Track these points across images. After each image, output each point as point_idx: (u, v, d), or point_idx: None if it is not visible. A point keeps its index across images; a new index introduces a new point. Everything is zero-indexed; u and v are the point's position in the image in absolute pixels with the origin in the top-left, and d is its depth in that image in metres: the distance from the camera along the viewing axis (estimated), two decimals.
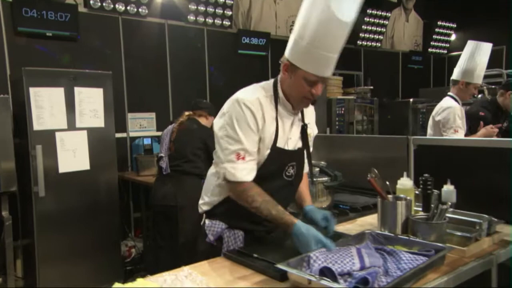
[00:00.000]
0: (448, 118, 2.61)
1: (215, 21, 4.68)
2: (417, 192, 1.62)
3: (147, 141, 3.95)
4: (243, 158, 1.40)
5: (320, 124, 4.52)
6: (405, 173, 1.59)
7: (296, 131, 1.54)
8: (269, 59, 5.18)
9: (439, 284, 1.15)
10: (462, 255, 1.32)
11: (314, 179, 1.87)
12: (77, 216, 3.00)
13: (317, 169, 1.94)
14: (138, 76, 4.23)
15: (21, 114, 2.87)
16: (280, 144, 1.47)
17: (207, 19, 4.61)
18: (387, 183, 1.42)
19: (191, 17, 4.51)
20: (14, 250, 3.25)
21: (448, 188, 1.72)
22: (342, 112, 4.80)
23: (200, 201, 1.63)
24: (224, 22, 4.75)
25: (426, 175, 1.52)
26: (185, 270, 1.30)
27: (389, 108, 5.56)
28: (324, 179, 1.87)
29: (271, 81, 1.54)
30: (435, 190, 1.68)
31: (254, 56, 5.02)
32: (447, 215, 1.52)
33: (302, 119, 1.58)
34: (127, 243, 3.82)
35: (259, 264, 1.27)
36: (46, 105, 2.78)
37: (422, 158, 2.02)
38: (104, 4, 3.90)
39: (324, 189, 1.87)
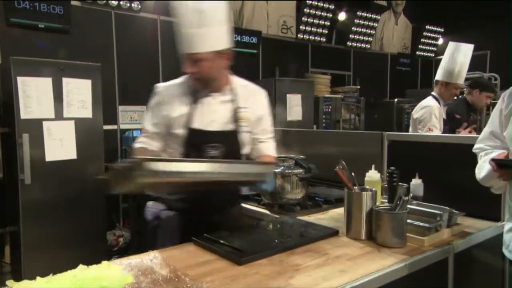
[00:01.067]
0: (425, 116, 2.70)
1: None
2: (386, 185, 1.70)
3: (136, 133, 4.00)
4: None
5: (307, 121, 4.61)
6: (373, 166, 1.67)
7: (224, 113, 1.60)
8: (259, 57, 5.25)
9: (396, 269, 1.23)
10: (421, 244, 1.41)
11: (288, 171, 1.94)
12: (63, 205, 3.05)
13: (292, 161, 2.02)
14: (130, 70, 4.27)
15: (8, 102, 2.92)
16: (196, 125, 1.56)
17: None
18: (353, 174, 1.50)
19: None
20: (1, 236, 3.30)
21: (416, 182, 1.82)
22: (329, 110, 4.90)
23: None
24: None
25: (392, 168, 1.60)
26: (152, 254, 1.37)
27: (376, 107, 5.68)
28: (298, 171, 1.95)
29: None
30: (404, 184, 1.77)
31: (245, 53, 5.08)
32: (411, 206, 1.61)
33: (237, 101, 1.62)
34: (115, 232, 3.88)
35: (224, 249, 1.35)
36: (33, 95, 2.83)
37: (394, 153, 2.11)
38: None
39: (299, 181, 1.94)
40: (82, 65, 3.16)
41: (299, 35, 5.61)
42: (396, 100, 5.62)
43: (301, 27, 5.59)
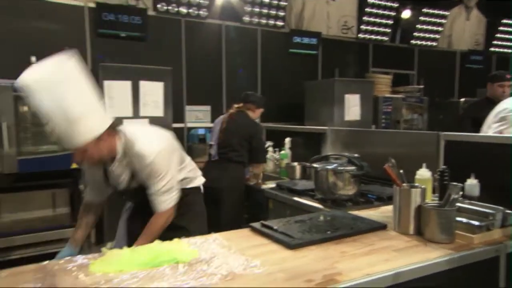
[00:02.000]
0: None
1: (269, 21, 4.93)
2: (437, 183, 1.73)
3: (201, 131, 4.32)
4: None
5: (365, 121, 4.61)
6: (424, 164, 1.71)
7: (125, 175, 1.75)
8: (319, 58, 5.33)
9: (440, 262, 1.28)
10: (470, 242, 1.43)
11: (341, 168, 2.04)
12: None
13: (345, 159, 2.10)
14: (196, 72, 4.61)
15: None
16: (112, 183, 1.80)
17: (261, 20, 4.88)
18: (401, 171, 1.56)
19: (246, 18, 4.80)
20: None
21: (471, 182, 1.82)
22: (389, 110, 4.81)
23: None
24: (277, 23, 4.98)
25: (443, 167, 1.63)
26: (214, 236, 1.57)
27: (441, 108, 5.43)
28: (350, 168, 2.03)
29: None
30: (459, 184, 1.78)
31: (305, 55, 5.19)
32: (464, 205, 1.63)
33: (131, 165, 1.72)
34: None
35: (277, 235, 1.50)
36: (116, 96, 3.24)
37: (451, 153, 2.10)
38: (169, 7, 4.33)
39: (351, 178, 2.03)
40: (155, 69, 3.53)
41: (360, 35, 5.57)
42: (462, 100, 5.33)
43: (362, 26, 5.55)
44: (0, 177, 3.00)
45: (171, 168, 1.74)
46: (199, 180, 2.13)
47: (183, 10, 4.40)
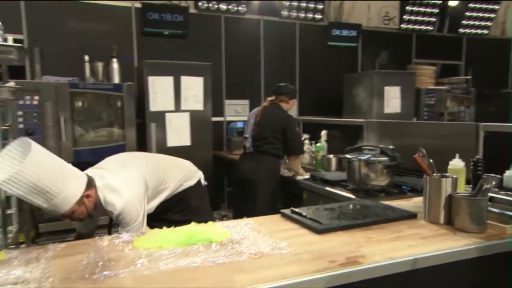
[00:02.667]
0: None
1: (307, 15, 4.93)
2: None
3: (240, 125, 4.45)
4: None
5: (406, 113, 4.48)
6: (457, 155, 1.69)
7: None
8: (358, 50, 5.25)
9: (467, 250, 1.29)
10: (502, 232, 1.41)
11: (373, 159, 2.05)
12: None
13: (378, 150, 2.11)
14: (235, 67, 4.74)
15: (141, 98, 3.58)
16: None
17: (299, 14, 4.90)
18: (431, 161, 1.56)
19: (285, 13, 4.84)
20: None
21: (510, 174, 1.77)
22: (432, 102, 4.64)
23: None
24: (315, 16, 4.98)
25: (477, 157, 1.61)
26: (246, 220, 1.66)
27: (491, 99, 5.14)
28: (383, 159, 2.04)
29: None
30: (496, 175, 1.74)
31: (344, 47, 5.14)
32: (499, 196, 1.60)
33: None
34: (220, 212, 4.41)
35: (306, 220, 1.56)
36: (159, 91, 3.45)
37: (491, 144, 2.04)
38: (209, 5, 4.48)
39: (383, 168, 2.04)
40: (196, 65, 3.69)
41: (402, 25, 5.41)
42: None
43: (404, 16, 5.39)
44: None
45: (140, 214, 1.79)
46: (194, 179, 2.17)
47: (223, 6, 4.54)
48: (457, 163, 1.66)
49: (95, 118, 3.39)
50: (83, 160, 3.30)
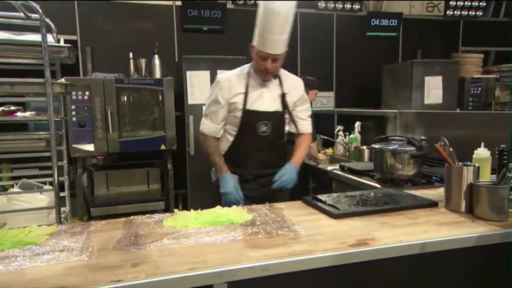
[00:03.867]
0: None
1: (345, 6, 4.87)
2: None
3: None
4: (206, 117, 2.12)
5: (449, 104, 4.31)
6: (482, 144, 1.66)
7: (271, 97, 2.07)
8: (400, 39, 5.10)
9: (481, 236, 1.29)
10: None
11: (400, 149, 2.05)
12: None
13: (405, 140, 2.10)
14: None
15: (180, 92, 3.78)
16: (250, 106, 2.03)
17: (337, 5, 4.85)
18: (451, 149, 1.55)
19: (322, 4, 4.82)
20: (176, 196, 4.28)
21: None
22: (479, 92, 4.41)
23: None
24: (354, 6, 4.90)
25: (503, 145, 1.57)
26: (268, 204, 1.75)
27: None
28: (409, 148, 2.03)
29: (250, 63, 2.09)
30: None
31: (383, 37, 5.02)
32: None
33: (282, 88, 2.09)
34: None
35: (325, 206, 1.62)
36: (196, 85, 3.61)
37: None
38: (246, 0, 4.58)
39: (409, 158, 2.03)
40: (230, 59, 3.80)
41: (448, 12, 5.16)
42: None
43: (451, 2, 5.13)
44: (106, 156, 3.60)
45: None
46: None
47: (260, 1, 4.60)
48: (482, 152, 1.62)
49: (138, 111, 3.63)
50: (128, 150, 3.57)
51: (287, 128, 2.17)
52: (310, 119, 2.28)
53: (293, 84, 2.18)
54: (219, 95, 2.05)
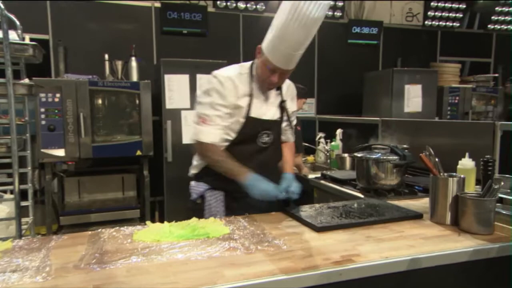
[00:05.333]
0: None
1: (327, 12, 4.86)
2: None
3: None
4: (206, 123, 1.68)
5: (427, 112, 4.34)
6: (467, 154, 1.62)
7: (274, 104, 1.80)
8: (380, 47, 5.13)
9: (467, 251, 1.23)
10: (510, 234, 1.34)
11: (383, 158, 2.00)
12: None
13: (388, 149, 2.05)
14: None
15: (157, 96, 3.64)
16: (254, 114, 1.73)
17: None
18: (437, 160, 1.50)
19: None
20: (153, 204, 4.12)
21: None
22: (456, 101, 4.47)
23: (191, 166, 1.91)
24: (335, 13, 4.90)
25: (487, 156, 1.53)
26: (246, 216, 1.65)
27: None
28: (392, 158, 1.98)
29: (250, 62, 1.78)
30: (509, 176, 1.65)
31: (364, 45, 5.04)
32: (510, 197, 1.52)
33: (281, 96, 1.83)
34: None
35: (307, 218, 1.53)
36: (175, 89, 3.49)
37: (509, 145, 1.94)
38: (228, 3, 4.50)
39: (393, 168, 1.98)
40: (211, 63, 3.70)
41: (426, 22, 5.24)
42: None
43: (429, 13, 5.22)
44: (78, 161, 3.42)
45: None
46: None
47: (241, 5, 4.55)
48: (466, 163, 1.59)
49: (114, 115, 3.48)
50: (102, 155, 3.40)
51: (283, 137, 1.93)
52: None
53: (291, 90, 1.94)
54: (223, 94, 1.68)
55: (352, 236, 1.37)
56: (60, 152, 3.26)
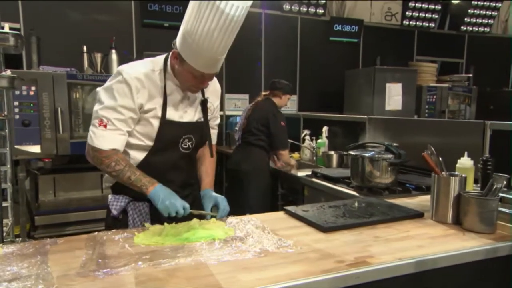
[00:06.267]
0: None
1: (309, 9, 4.87)
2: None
3: (239, 119, 4.39)
4: (104, 126, 1.46)
5: (407, 111, 4.45)
6: (466, 153, 1.66)
7: (193, 103, 1.61)
8: (360, 45, 5.21)
9: (477, 251, 1.25)
10: (510, 233, 1.39)
11: (378, 156, 2.02)
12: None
13: (383, 147, 2.08)
14: (236, 60, 4.67)
15: None
16: (171, 116, 1.53)
17: (301, 8, 4.83)
18: (440, 159, 1.52)
19: (287, 6, 4.78)
20: None
21: None
22: (434, 100, 4.62)
23: (104, 178, 1.68)
24: (317, 10, 4.92)
25: (487, 155, 1.57)
26: (249, 216, 1.61)
27: (492, 98, 5.13)
28: (387, 156, 2.00)
29: (163, 56, 1.58)
30: (505, 174, 1.71)
31: (346, 43, 5.09)
32: (509, 196, 1.57)
33: (202, 93, 1.64)
34: None
35: (311, 218, 1.52)
36: None
37: (499, 143, 2.01)
38: None
39: (388, 166, 2.00)
40: None
41: (404, 22, 5.36)
42: None
43: (407, 13, 5.34)
44: (55, 158, 3.25)
45: None
46: None
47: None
48: (465, 162, 1.62)
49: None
50: (81, 152, 3.24)
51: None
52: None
53: (213, 85, 1.71)
54: (128, 96, 1.46)
55: (359, 236, 1.37)
56: (36, 149, 3.08)
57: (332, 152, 3.20)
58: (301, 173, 2.84)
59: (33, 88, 3.04)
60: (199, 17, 1.36)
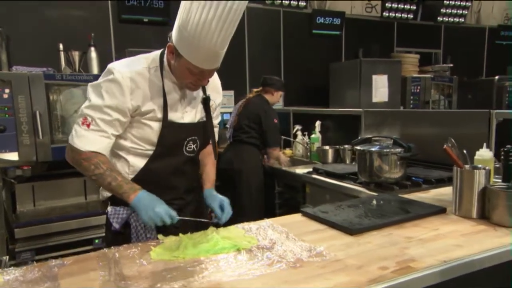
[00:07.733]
0: None
1: (291, 2, 4.79)
2: (497, 165, 1.65)
3: (226, 116, 4.26)
4: (87, 125, 1.34)
5: (393, 102, 4.46)
6: (484, 144, 1.63)
7: (194, 103, 1.50)
8: (342, 38, 5.19)
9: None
10: None
11: (387, 150, 1.97)
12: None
13: (390, 141, 2.03)
14: None
15: None
16: (172, 117, 1.42)
17: (283, 1, 4.74)
18: (464, 151, 1.49)
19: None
20: None
21: None
22: (418, 91, 4.68)
23: (101, 187, 1.53)
24: (300, 3, 4.84)
25: (508, 146, 1.54)
26: (267, 221, 1.52)
27: (470, 87, 5.26)
28: (397, 150, 1.96)
29: (158, 52, 1.47)
30: None
31: (328, 35, 5.06)
32: None
33: (203, 91, 1.52)
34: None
35: (333, 219, 1.45)
36: None
37: (505, 133, 2.01)
38: None
39: (397, 160, 1.96)
40: None
41: (384, 13, 5.39)
42: (497, 77, 5.11)
43: (387, 4, 5.37)
44: (35, 165, 3.01)
45: None
46: None
47: None
48: (485, 153, 1.60)
49: (74, 112, 3.10)
50: (63, 157, 3.02)
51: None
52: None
53: (213, 81, 1.59)
54: (117, 96, 1.33)
55: (391, 238, 1.31)
56: (13, 156, 2.84)
57: (327, 147, 3.15)
58: (298, 170, 2.77)
59: (6, 90, 2.79)
60: (195, 5, 1.24)
